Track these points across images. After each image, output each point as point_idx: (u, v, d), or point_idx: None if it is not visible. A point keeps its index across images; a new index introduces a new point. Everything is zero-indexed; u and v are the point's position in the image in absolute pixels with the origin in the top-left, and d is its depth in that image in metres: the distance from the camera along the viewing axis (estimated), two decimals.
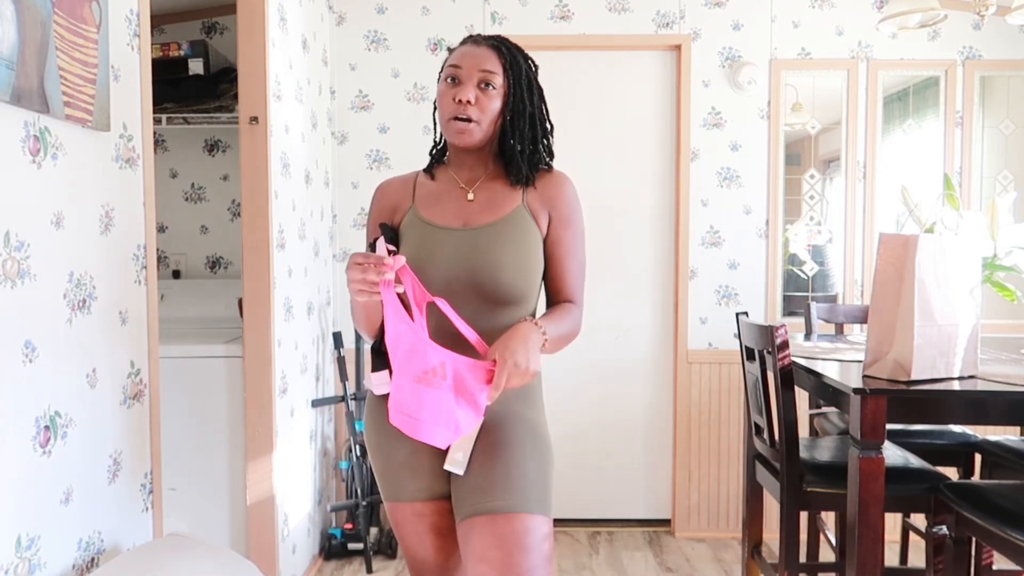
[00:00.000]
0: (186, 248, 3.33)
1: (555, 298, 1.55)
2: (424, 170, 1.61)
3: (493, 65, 1.48)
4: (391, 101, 3.30)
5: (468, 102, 1.46)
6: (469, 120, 1.47)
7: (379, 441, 1.51)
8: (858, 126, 3.28)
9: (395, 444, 1.48)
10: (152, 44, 2.52)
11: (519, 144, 1.51)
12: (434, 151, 1.62)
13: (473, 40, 1.52)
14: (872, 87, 3.26)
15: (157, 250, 2.33)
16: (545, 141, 1.56)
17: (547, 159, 1.57)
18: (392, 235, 1.51)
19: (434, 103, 1.56)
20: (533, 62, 1.55)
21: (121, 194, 1.58)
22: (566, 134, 3.22)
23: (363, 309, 1.45)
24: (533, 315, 1.53)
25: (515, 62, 1.50)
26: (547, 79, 1.59)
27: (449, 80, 1.49)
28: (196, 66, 2.89)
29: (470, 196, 1.52)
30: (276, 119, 2.51)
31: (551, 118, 1.59)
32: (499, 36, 1.54)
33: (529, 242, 1.49)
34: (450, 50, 1.56)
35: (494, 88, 1.48)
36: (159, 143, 3.29)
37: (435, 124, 1.60)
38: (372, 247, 1.49)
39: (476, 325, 1.43)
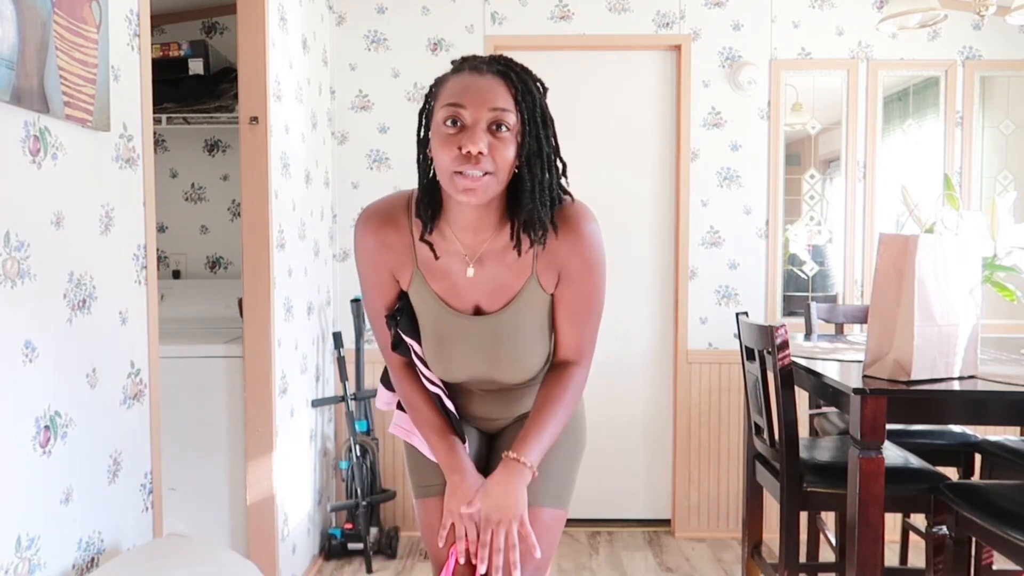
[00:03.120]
0: (186, 248, 3.33)
1: (557, 352, 1.45)
2: (416, 215, 1.31)
3: (504, 101, 1.19)
4: (391, 101, 3.30)
5: (480, 154, 1.17)
6: (484, 174, 1.18)
7: None
8: (858, 126, 3.28)
9: None
10: (152, 44, 2.51)
11: (537, 193, 1.23)
12: (424, 198, 1.28)
13: (473, 67, 1.22)
14: (872, 87, 3.26)
15: (157, 250, 2.32)
16: (562, 181, 1.31)
17: (562, 198, 1.31)
18: (406, 308, 1.40)
19: (418, 136, 1.27)
20: (542, 84, 1.29)
21: (121, 194, 1.58)
22: (565, 135, 3.21)
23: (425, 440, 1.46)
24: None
25: (527, 92, 1.22)
26: (547, 80, 1.34)
27: (449, 123, 1.18)
28: (196, 66, 2.89)
29: (470, 272, 1.29)
30: (276, 119, 2.51)
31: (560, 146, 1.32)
32: (503, 58, 1.26)
33: (546, 318, 1.38)
34: (440, 81, 1.26)
35: (507, 130, 1.19)
36: (159, 143, 3.29)
37: (426, 168, 1.28)
38: (394, 318, 1.40)
39: (493, 397, 1.51)
